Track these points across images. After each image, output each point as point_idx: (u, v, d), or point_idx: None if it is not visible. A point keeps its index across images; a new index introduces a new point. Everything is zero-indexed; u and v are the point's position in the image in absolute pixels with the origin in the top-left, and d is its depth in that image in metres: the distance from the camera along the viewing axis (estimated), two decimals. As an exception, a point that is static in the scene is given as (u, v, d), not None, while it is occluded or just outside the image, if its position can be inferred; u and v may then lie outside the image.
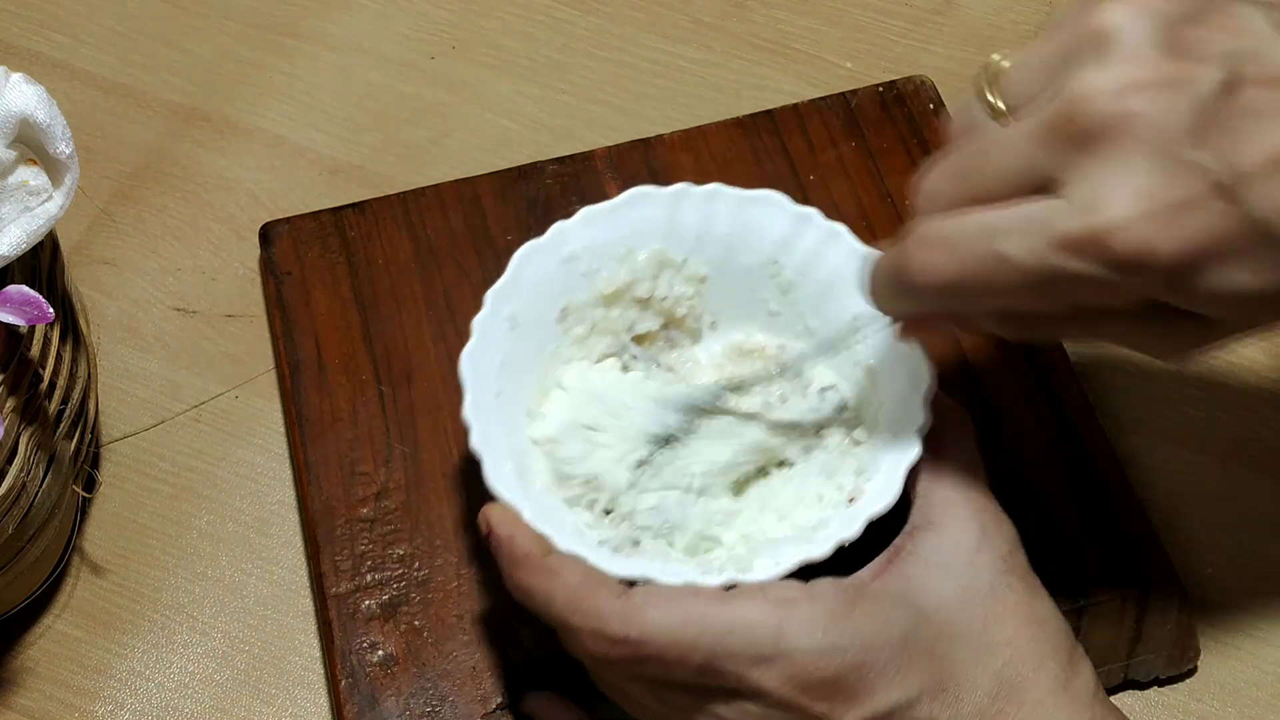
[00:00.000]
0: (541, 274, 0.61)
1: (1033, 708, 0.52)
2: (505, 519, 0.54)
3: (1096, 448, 0.66)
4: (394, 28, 0.86)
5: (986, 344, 0.68)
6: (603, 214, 0.62)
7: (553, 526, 0.54)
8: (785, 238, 0.62)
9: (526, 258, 0.61)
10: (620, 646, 0.52)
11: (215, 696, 0.66)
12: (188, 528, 0.70)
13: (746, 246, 0.62)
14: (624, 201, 0.62)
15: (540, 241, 0.61)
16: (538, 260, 0.61)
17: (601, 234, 0.62)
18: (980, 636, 0.53)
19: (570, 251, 0.61)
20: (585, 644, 0.52)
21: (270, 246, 0.74)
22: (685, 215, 0.62)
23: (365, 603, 0.64)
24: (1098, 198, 0.45)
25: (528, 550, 0.53)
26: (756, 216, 0.62)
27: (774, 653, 0.51)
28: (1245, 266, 0.45)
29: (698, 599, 0.52)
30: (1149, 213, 0.44)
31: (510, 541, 0.54)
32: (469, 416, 0.57)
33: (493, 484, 0.55)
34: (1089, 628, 0.62)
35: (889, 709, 0.51)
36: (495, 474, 0.56)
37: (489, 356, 0.59)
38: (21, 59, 0.85)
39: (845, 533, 0.54)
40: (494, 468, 0.56)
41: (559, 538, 0.54)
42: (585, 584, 0.52)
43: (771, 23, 0.86)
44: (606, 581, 0.53)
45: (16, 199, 0.61)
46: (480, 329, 0.60)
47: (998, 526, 0.55)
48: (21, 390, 0.60)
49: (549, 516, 0.55)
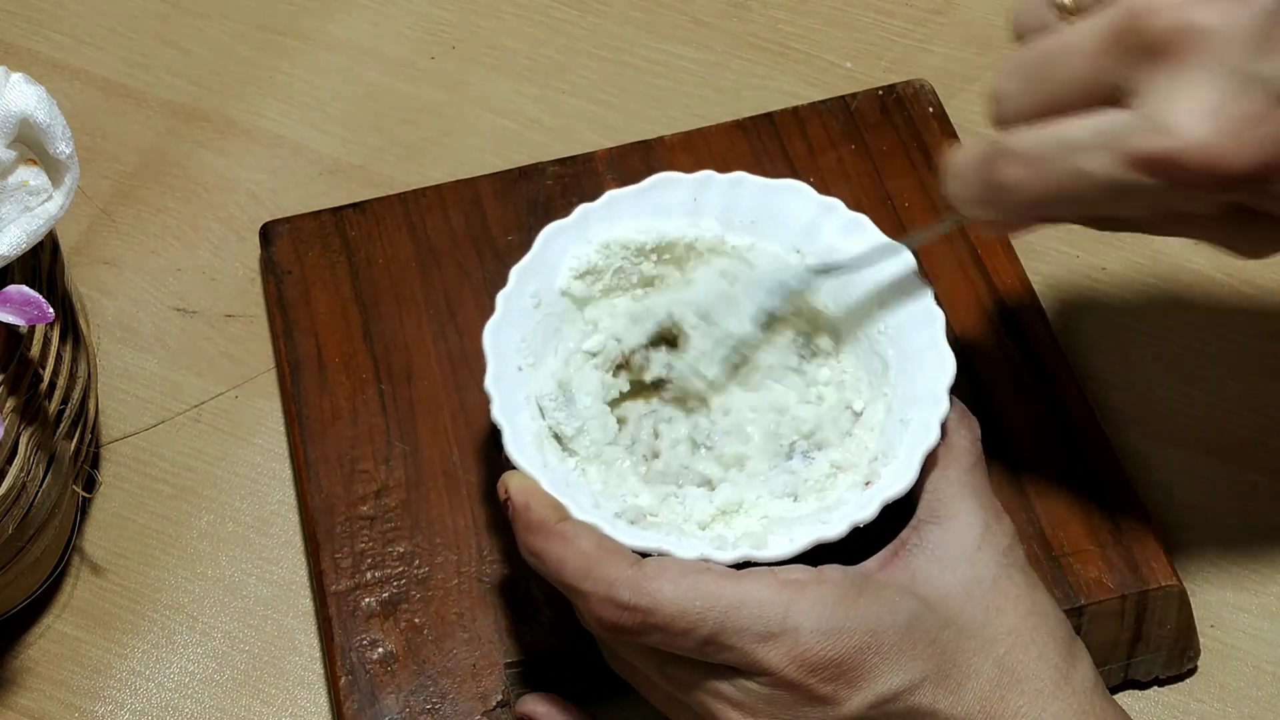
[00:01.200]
0: (564, 254, 0.62)
1: (1034, 696, 0.53)
2: (523, 486, 0.55)
3: (1096, 447, 0.66)
4: (394, 28, 0.86)
5: (987, 345, 0.68)
6: (628, 198, 0.63)
7: (570, 498, 0.55)
8: (809, 226, 0.62)
9: (551, 237, 0.62)
10: (629, 613, 0.52)
11: (215, 696, 0.66)
12: (188, 528, 0.70)
13: (770, 234, 0.63)
14: (649, 186, 0.63)
15: (565, 222, 0.63)
16: (561, 240, 0.62)
17: (626, 217, 0.63)
18: (983, 627, 0.53)
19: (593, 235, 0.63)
20: (594, 609, 0.53)
21: (270, 246, 0.74)
22: (710, 201, 0.63)
23: (365, 600, 0.64)
24: (1167, 115, 0.46)
25: (543, 516, 0.54)
26: (780, 204, 0.63)
27: (780, 630, 0.51)
28: None
29: (709, 574, 0.52)
30: (1218, 129, 0.46)
31: (526, 508, 0.55)
32: (491, 388, 0.58)
33: (512, 452, 0.56)
34: (1089, 628, 0.62)
35: (892, 693, 0.52)
36: (515, 443, 0.57)
37: (511, 331, 0.60)
38: (21, 59, 0.85)
39: (860, 514, 0.55)
40: (514, 438, 0.57)
41: (575, 509, 0.55)
42: (598, 551, 0.53)
43: (771, 23, 0.86)
44: (620, 550, 0.53)
45: (16, 199, 0.61)
46: (504, 303, 0.61)
47: (999, 522, 0.56)
48: (21, 390, 0.60)
49: (566, 488, 0.56)
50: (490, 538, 0.65)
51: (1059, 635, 0.54)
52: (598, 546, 0.53)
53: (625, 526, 0.55)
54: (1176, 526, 0.68)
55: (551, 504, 0.55)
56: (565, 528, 0.54)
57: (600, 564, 0.53)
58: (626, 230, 0.63)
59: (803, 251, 0.62)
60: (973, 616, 0.54)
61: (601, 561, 0.53)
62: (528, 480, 0.56)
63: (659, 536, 0.55)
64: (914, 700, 0.52)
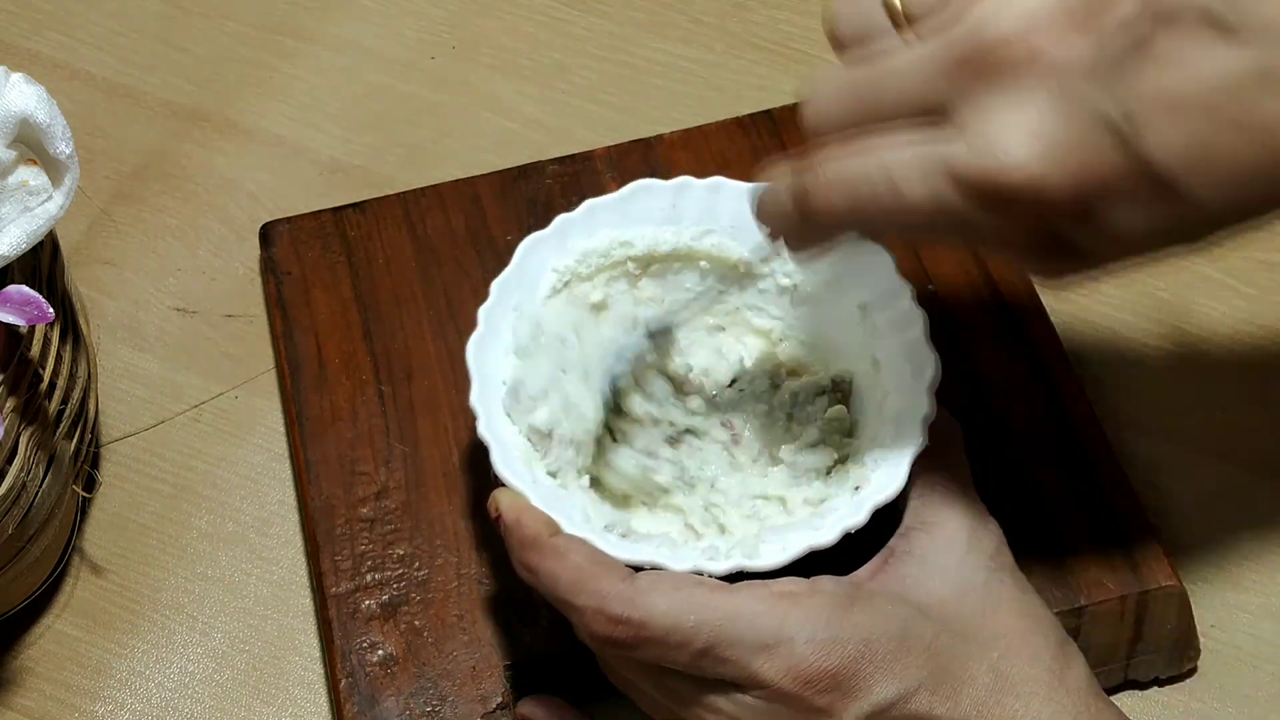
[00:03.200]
0: (544, 265, 0.62)
1: (1029, 699, 0.53)
2: (514, 503, 0.55)
3: (1096, 448, 0.66)
4: (394, 28, 0.86)
5: (987, 344, 0.68)
6: (606, 206, 0.63)
7: (560, 512, 0.55)
8: None
9: (530, 249, 0.62)
10: (622, 627, 0.52)
11: (215, 696, 0.66)
12: (188, 528, 0.70)
13: (748, 240, 0.62)
14: (627, 194, 0.63)
15: (544, 233, 0.62)
16: (541, 252, 0.62)
17: (604, 226, 0.63)
18: (977, 630, 0.53)
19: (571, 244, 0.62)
20: (588, 624, 0.53)
21: (270, 246, 0.74)
22: (688, 208, 0.63)
23: (365, 602, 0.64)
24: (993, 136, 0.45)
25: (535, 532, 0.54)
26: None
27: (775, 642, 0.51)
28: (1135, 208, 0.45)
29: (702, 587, 0.52)
30: (1041, 153, 0.45)
31: (518, 524, 0.55)
32: (476, 404, 0.58)
33: (500, 470, 0.56)
34: (1089, 628, 0.62)
35: (888, 702, 0.52)
36: (503, 460, 0.57)
37: (495, 345, 0.60)
38: (21, 59, 0.84)
39: (851, 520, 0.55)
40: (502, 454, 0.57)
41: (566, 523, 0.55)
42: (591, 565, 0.53)
43: (771, 23, 0.86)
44: (612, 564, 0.53)
45: (16, 199, 0.61)
46: (486, 318, 0.60)
47: (984, 526, 0.56)
48: (21, 390, 0.60)
49: (556, 503, 0.56)
50: (490, 540, 0.65)
51: (1052, 637, 0.54)
52: (590, 560, 0.53)
53: (616, 540, 0.55)
54: (1176, 526, 0.68)
55: (543, 519, 0.55)
56: (558, 542, 0.54)
57: (593, 578, 0.53)
58: (604, 240, 0.63)
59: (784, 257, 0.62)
60: (966, 620, 0.54)
61: (594, 576, 0.53)
62: (518, 497, 0.55)
63: (651, 549, 0.55)
64: (910, 708, 0.52)
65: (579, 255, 0.62)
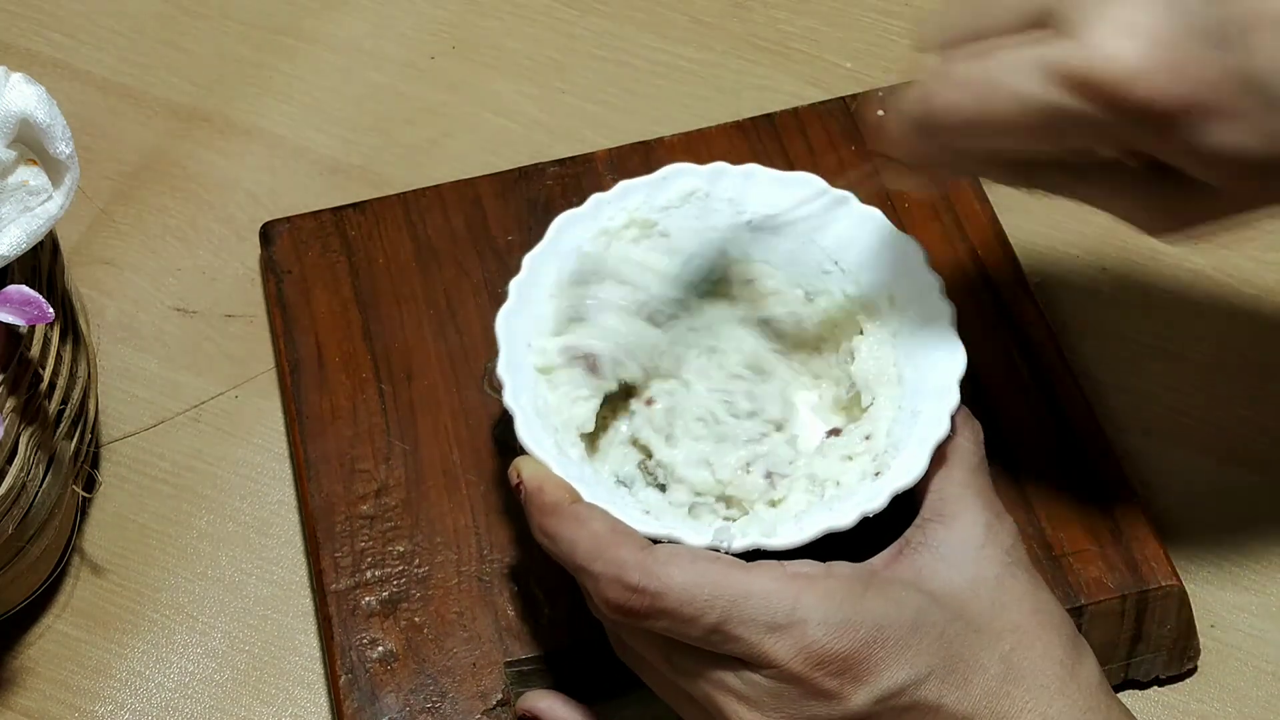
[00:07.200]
0: (577, 242, 0.63)
1: (1039, 692, 0.53)
2: (535, 471, 0.56)
3: (1096, 447, 0.66)
4: (394, 28, 0.86)
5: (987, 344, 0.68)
6: (640, 188, 0.63)
7: (582, 482, 0.56)
8: (821, 218, 0.63)
9: (564, 226, 0.63)
10: (637, 596, 0.52)
11: (215, 696, 0.66)
12: (188, 528, 0.70)
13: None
14: (662, 175, 0.63)
15: (578, 211, 0.63)
16: (574, 229, 0.63)
17: (638, 207, 0.63)
18: (989, 622, 0.54)
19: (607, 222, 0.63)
20: (604, 591, 0.53)
21: (270, 246, 0.74)
22: (722, 192, 0.63)
23: (365, 599, 0.64)
24: (1100, 35, 0.46)
25: (556, 499, 0.55)
26: (791, 197, 0.63)
27: (788, 622, 0.51)
28: (1240, 125, 0.46)
29: (719, 563, 0.53)
30: (1146, 54, 0.46)
31: (540, 491, 0.55)
32: (503, 374, 0.59)
33: (524, 438, 0.57)
34: (1089, 628, 0.62)
35: (898, 688, 0.52)
36: (526, 429, 0.57)
37: (523, 317, 0.61)
38: (21, 59, 0.85)
39: (870, 505, 0.55)
40: (526, 424, 0.57)
41: (587, 492, 0.55)
42: (610, 533, 0.53)
43: (771, 23, 0.86)
44: (631, 534, 0.54)
45: (16, 199, 0.61)
46: (517, 291, 0.61)
47: (1001, 522, 0.56)
48: (21, 390, 0.60)
49: (577, 473, 0.56)
50: (490, 536, 0.65)
51: (1064, 632, 0.54)
52: (610, 529, 0.54)
53: (637, 513, 0.56)
54: (1176, 526, 0.68)
55: (564, 486, 0.55)
56: (578, 509, 0.54)
57: (611, 546, 0.53)
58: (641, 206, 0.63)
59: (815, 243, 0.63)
60: (979, 612, 0.54)
61: (613, 543, 0.53)
62: (539, 465, 0.56)
63: (670, 523, 0.56)
64: (919, 695, 0.52)
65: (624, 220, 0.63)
